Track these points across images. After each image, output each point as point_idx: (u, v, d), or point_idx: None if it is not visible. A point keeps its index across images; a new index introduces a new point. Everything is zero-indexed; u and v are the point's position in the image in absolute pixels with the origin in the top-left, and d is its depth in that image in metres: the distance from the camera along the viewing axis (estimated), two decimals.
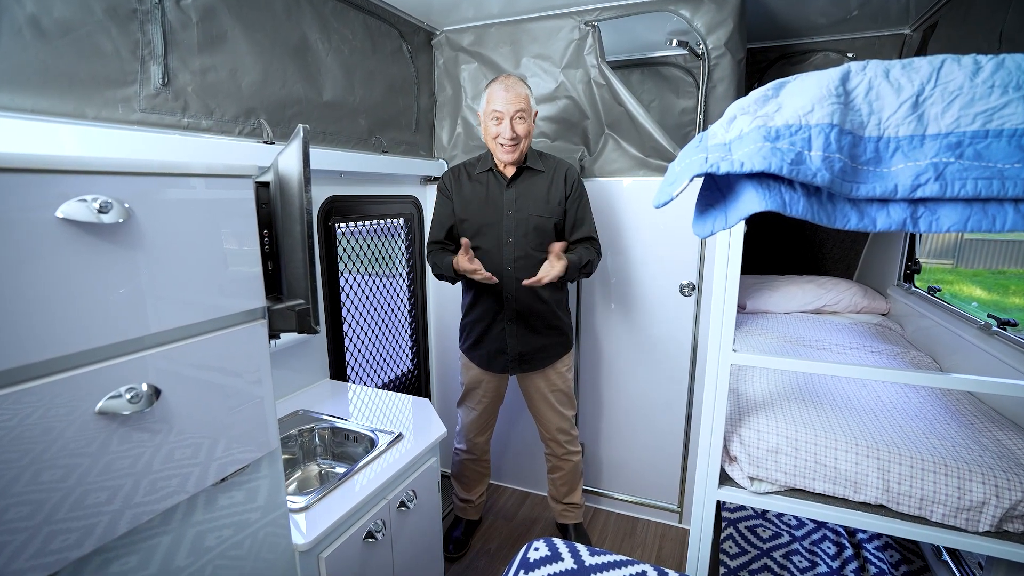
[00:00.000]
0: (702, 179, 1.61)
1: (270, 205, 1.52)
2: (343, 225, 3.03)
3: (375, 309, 3.41)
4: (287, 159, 1.47)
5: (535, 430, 3.24)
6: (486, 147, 2.77)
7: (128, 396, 1.08)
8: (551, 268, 2.51)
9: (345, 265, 3.09)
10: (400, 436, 2.29)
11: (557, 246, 2.53)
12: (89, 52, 1.73)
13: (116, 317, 1.06)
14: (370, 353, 3.39)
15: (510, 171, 2.74)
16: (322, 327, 2.89)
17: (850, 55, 3.59)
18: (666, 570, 1.57)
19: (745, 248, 1.88)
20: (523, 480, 3.94)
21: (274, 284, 1.54)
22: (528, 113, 2.60)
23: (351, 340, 3.20)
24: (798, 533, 3.23)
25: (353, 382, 3.19)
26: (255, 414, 1.40)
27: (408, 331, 3.78)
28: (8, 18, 1.55)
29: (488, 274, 2.52)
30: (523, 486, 3.95)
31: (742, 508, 3.45)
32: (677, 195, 1.46)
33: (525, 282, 2.51)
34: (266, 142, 2.32)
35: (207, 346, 1.26)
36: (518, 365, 2.89)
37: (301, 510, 1.80)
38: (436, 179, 3.60)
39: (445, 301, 3.81)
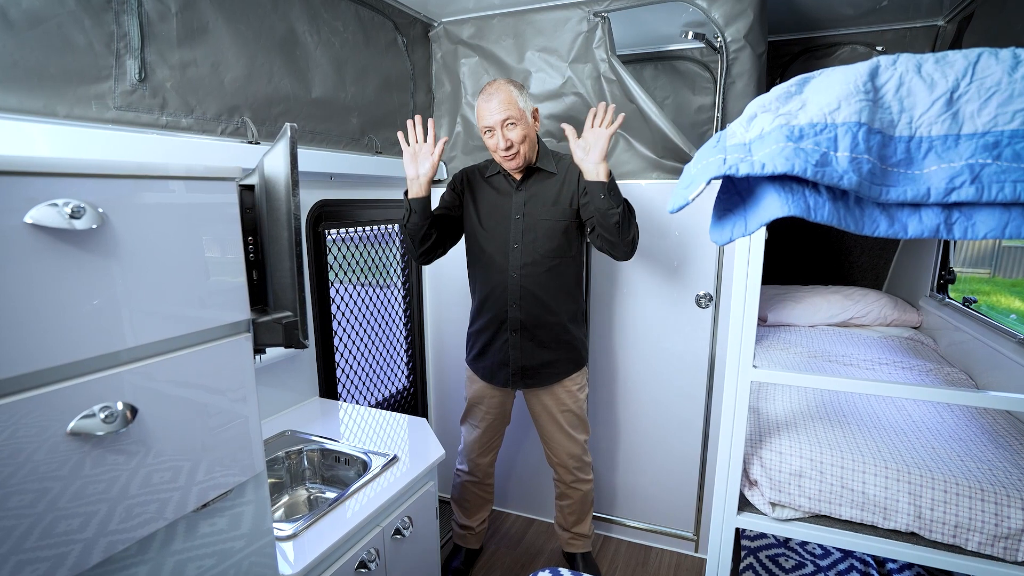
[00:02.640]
0: (720, 182, 1.61)
1: (255, 210, 1.52)
2: (334, 231, 3.04)
3: (368, 322, 3.41)
4: (273, 160, 1.47)
5: (543, 452, 3.23)
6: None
7: (102, 415, 1.08)
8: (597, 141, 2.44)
9: (336, 274, 3.09)
10: (395, 459, 2.29)
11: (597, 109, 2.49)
12: (60, 45, 1.73)
13: (89, 330, 1.06)
14: (363, 369, 3.39)
15: (519, 173, 2.75)
16: (311, 341, 2.89)
17: (879, 48, 3.59)
18: None
19: (766, 256, 1.88)
20: (528, 506, 3.93)
21: (259, 295, 1.54)
22: (518, 117, 2.56)
23: (342, 355, 3.20)
24: (823, 563, 3.21)
25: (344, 400, 3.20)
26: (239, 435, 1.40)
27: (404, 345, 3.78)
28: None
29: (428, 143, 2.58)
30: (528, 512, 3.94)
31: (763, 536, 3.44)
32: (693, 199, 1.46)
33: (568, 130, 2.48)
34: (251, 142, 2.32)
35: (187, 362, 1.26)
36: (520, 380, 2.87)
37: (288, 538, 1.79)
38: (433, 182, 3.60)
39: (444, 313, 3.81)
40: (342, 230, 3.11)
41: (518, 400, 3.15)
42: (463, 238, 2.91)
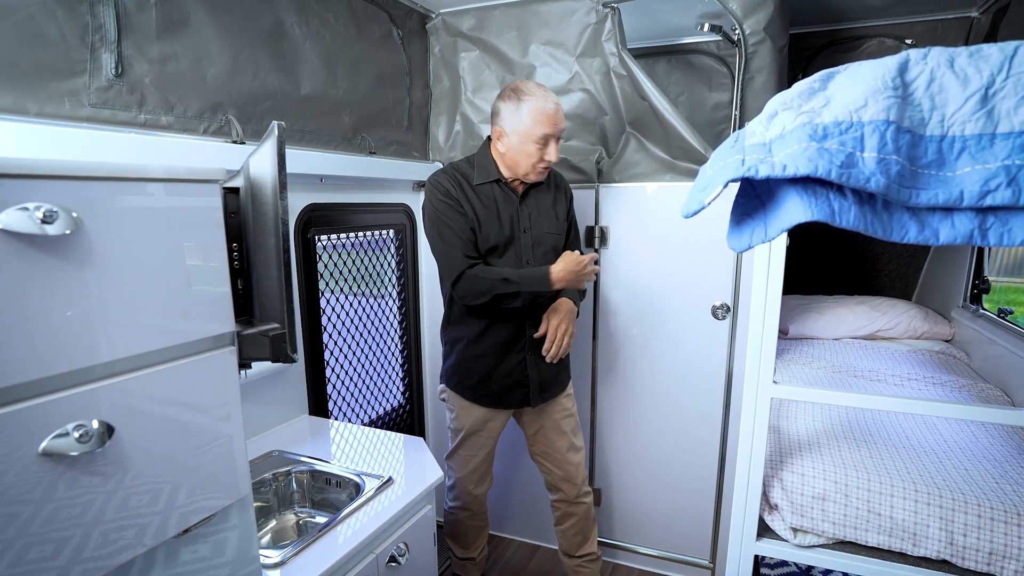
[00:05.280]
0: (738, 185, 1.61)
1: (240, 214, 1.52)
2: (324, 237, 3.04)
3: (361, 334, 3.41)
4: (259, 161, 1.47)
5: (535, 476, 3.21)
6: (480, 150, 2.76)
7: (76, 434, 1.07)
8: (564, 325, 2.73)
9: (326, 283, 3.09)
10: (390, 480, 2.28)
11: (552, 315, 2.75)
12: (31, 38, 1.73)
13: (63, 343, 1.06)
14: (355, 385, 3.39)
15: (520, 184, 2.76)
16: (300, 355, 2.89)
17: (909, 41, 3.60)
18: None
19: (788, 264, 1.88)
20: (529, 531, 3.92)
21: (245, 305, 1.54)
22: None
23: (333, 370, 3.20)
24: None
25: (336, 418, 3.19)
26: (223, 455, 1.40)
27: (399, 360, 3.78)
28: None
29: None
30: (530, 538, 3.94)
31: (784, 564, 3.42)
32: (709, 203, 1.45)
33: (550, 357, 2.73)
34: (235, 142, 2.33)
35: (167, 377, 1.25)
36: (540, 395, 2.88)
37: (276, 566, 1.79)
38: (424, 184, 3.61)
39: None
40: (333, 236, 3.11)
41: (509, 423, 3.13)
42: None
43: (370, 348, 3.49)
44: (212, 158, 2.17)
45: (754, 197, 1.56)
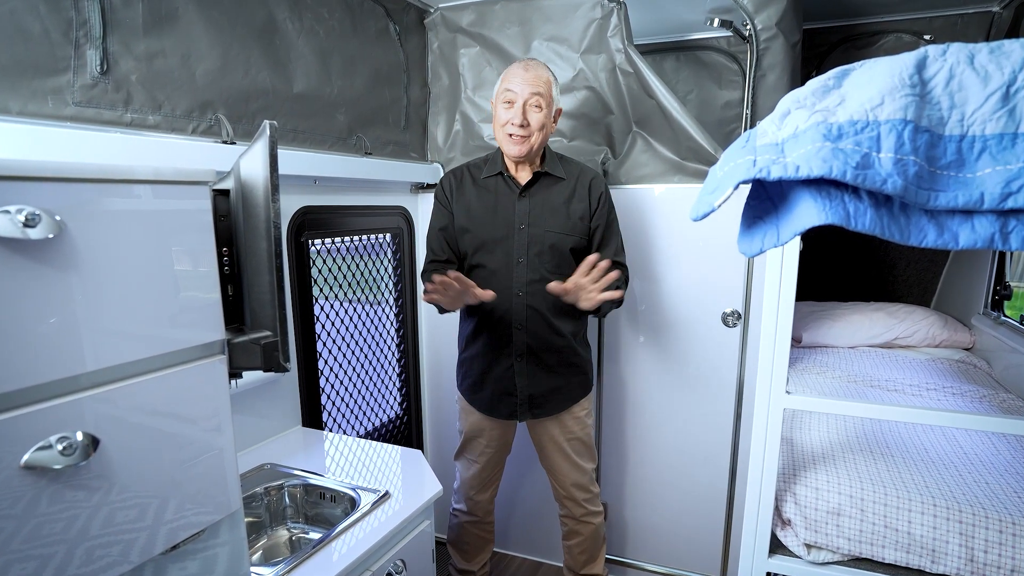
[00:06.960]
0: (749, 186, 1.61)
1: (230, 217, 1.52)
2: (318, 241, 3.04)
3: (357, 342, 3.40)
4: (250, 162, 1.47)
5: (547, 486, 3.21)
6: (492, 147, 2.76)
7: (60, 447, 1.07)
8: (595, 285, 2.41)
9: (320, 290, 3.09)
10: (387, 495, 2.28)
11: (593, 260, 2.41)
12: (12, 34, 1.73)
13: (46, 352, 1.06)
14: (350, 395, 3.39)
15: (524, 176, 2.72)
16: (293, 364, 2.89)
17: (927, 37, 3.60)
18: None
19: (801, 269, 1.88)
20: (533, 547, 3.91)
21: (235, 312, 1.54)
22: (546, 101, 2.57)
23: (328, 380, 3.20)
24: None
25: (330, 430, 3.19)
26: (213, 469, 1.39)
27: (396, 369, 3.78)
28: None
29: (489, 292, 2.46)
30: (533, 554, 3.92)
31: None
32: (719, 205, 1.45)
33: (552, 287, 2.45)
34: (225, 142, 2.32)
35: (155, 387, 1.25)
36: (528, 410, 2.85)
37: None
38: (430, 186, 3.61)
39: (442, 333, 3.79)
40: (327, 240, 3.11)
41: (519, 429, 3.12)
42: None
43: (366, 357, 3.49)
44: (201, 159, 2.17)
45: (766, 199, 1.56)
